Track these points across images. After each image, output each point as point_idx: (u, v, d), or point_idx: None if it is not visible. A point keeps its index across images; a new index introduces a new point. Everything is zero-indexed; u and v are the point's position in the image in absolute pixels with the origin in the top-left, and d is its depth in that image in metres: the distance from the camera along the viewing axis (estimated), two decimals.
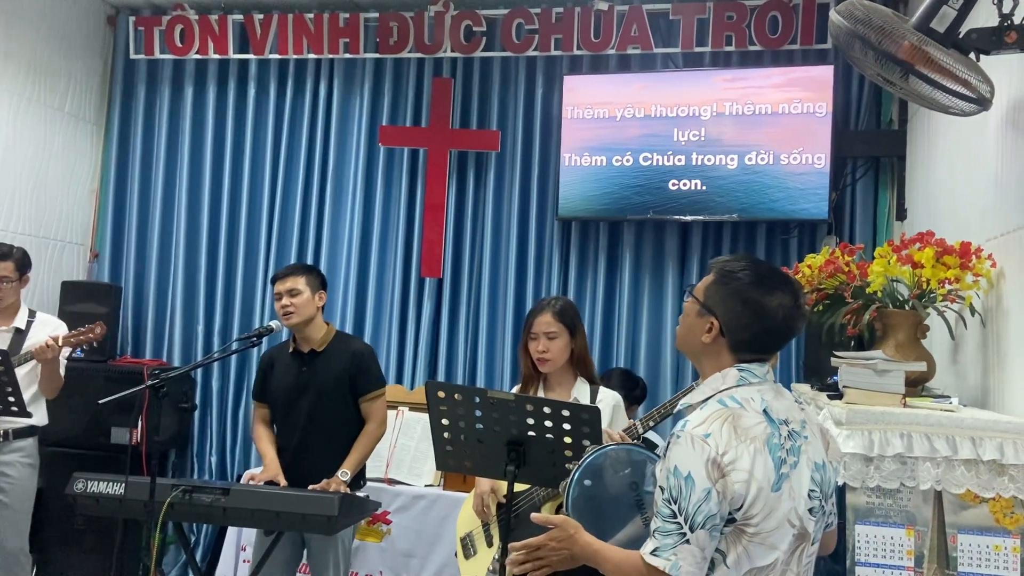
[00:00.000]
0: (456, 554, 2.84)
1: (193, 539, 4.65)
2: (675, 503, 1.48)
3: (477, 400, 2.31)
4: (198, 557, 4.58)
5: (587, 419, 2.24)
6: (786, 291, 1.58)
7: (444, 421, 2.38)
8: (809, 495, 1.58)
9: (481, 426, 2.34)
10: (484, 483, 2.76)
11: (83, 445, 4.21)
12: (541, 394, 2.77)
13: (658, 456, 1.63)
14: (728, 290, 1.60)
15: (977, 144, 2.69)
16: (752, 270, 1.60)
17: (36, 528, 4.11)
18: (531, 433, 2.29)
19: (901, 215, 3.93)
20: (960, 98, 2.27)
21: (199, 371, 4.77)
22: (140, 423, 4.19)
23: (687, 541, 1.47)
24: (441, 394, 2.35)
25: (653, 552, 1.50)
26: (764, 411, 1.56)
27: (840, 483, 2.14)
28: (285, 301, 3.10)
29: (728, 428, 1.51)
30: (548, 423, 2.27)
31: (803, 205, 3.98)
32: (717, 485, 1.47)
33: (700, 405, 1.58)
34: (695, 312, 1.64)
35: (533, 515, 1.75)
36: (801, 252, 4.01)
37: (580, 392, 2.75)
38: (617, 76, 4.30)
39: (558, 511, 2.27)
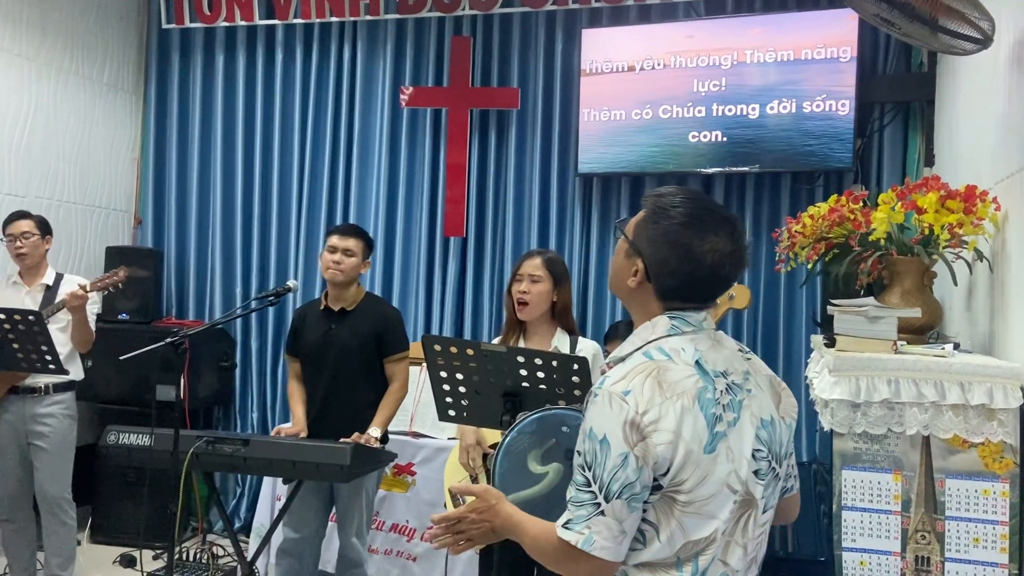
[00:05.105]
0: (445, 505, 2.94)
1: (239, 491, 4.88)
2: (589, 470, 1.33)
3: (471, 353, 2.38)
4: (243, 509, 4.81)
5: (576, 369, 2.29)
6: (721, 233, 1.40)
7: (442, 374, 2.46)
8: (754, 455, 1.40)
9: (477, 378, 2.41)
10: (469, 436, 2.84)
11: (131, 402, 4.42)
12: (522, 343, 2.83)
13: None
14: (657, 229, 1.41)
15: (989, 84, 2.60)
16: (686, 207, 1.41)
17: (90, 481, 4.39)
18: (525, 384, 2.35)
19: (930, 161, 3.81)
20: (959, 37, 2.20)
21: (238, 331, 4.96)
22: (182, 380, 4.39)
23: (602, 512, 1.31)
24: (437, 347, 2.42)
25: (566, 525, 1.35)
26: (697, 363, 1.38)
27: (827, 429, 2.15)
28: (338, 257, 3.16)
29: (651, 383, 1.34)
30: (540, 374, 2.33)
31: (827, 154, 3.90)
32: (636, 449, 1.31)
33: (625, 359, 1.41)
34: (624, 252, 1.47)
35: (451, 485, 1.67)
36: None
37: (560, 342, 2.81)
38: (635, 28, 4.25)
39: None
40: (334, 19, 4.72)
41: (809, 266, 2.90)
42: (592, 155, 4.26)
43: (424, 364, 4.09)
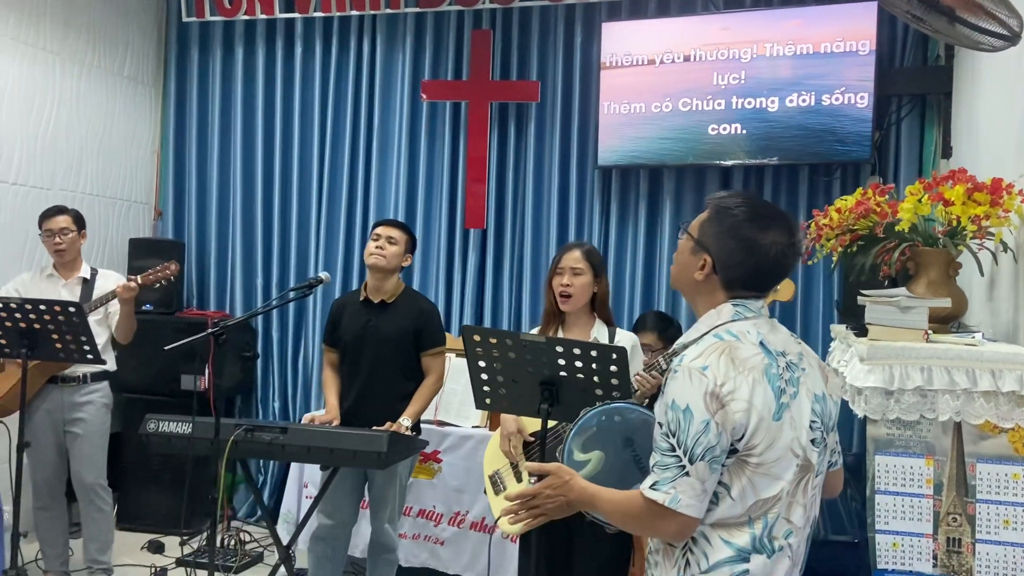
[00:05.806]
0: (485, 491, 3.01)
1: (261, 479, 4.95)
2: (673, 436, 1.48)
3: (510, 343, 2.43)
4: (265, 496, 4.87)
5: (615, 359, 2.35)
6: (781, 228, 1.56)
7: (481, 363, 2.52)
8: (811, 426, 1.58)
9: (516, 367, 2.47)
10: (510, 424, 2.90)
11: (155, 392, 4.49)
12: (561, 333, 2.90)
13: (651, 413, 1.63)
14: (723, 227, 1.58)
15: (1013, 78, 2.66)
16: (748, 207, 1.58)
17: (116, 468, 4.45)
18: (563, 373, 2.41)
19: (947, 153, 3.87)
20: (989, 34, 2.26)
21: (260, 322, 5.02)
22: (207, 370, 4.45)
23: (686, 474, 1.47)
24: (477, 337, 2.47)
25: (652, 486, 1.49)
26: (760, 343, 1.55)
27: (860, 416, 2.21)
28: (381, 243, 3.25)
29: (725, 359, 1.50)
30: (578, 363, 2.38)
31: (845, 146, 3.95)
32: (716, 416, 1.47)
33: (696, 341, 1.57)
34: (689, 249, 1.63)
35: (526, 463, 1.79)
36: (844, 194, 3.98)
37: (599, 333, 2.87)
38: (655, 21, 4.30)
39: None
40: (354, 13, 4.76)
41: (835, 257, 2.96)
42: (611, 148, 4.31)
43: (447, 354, 4.19)
